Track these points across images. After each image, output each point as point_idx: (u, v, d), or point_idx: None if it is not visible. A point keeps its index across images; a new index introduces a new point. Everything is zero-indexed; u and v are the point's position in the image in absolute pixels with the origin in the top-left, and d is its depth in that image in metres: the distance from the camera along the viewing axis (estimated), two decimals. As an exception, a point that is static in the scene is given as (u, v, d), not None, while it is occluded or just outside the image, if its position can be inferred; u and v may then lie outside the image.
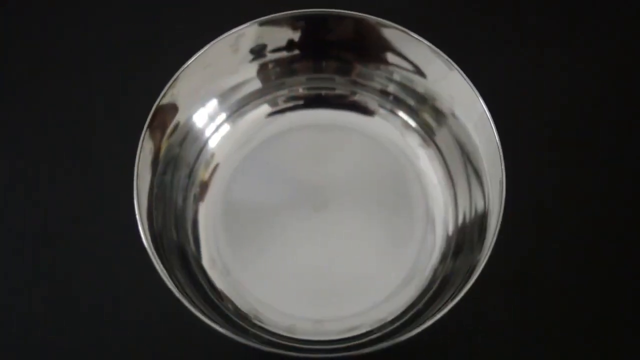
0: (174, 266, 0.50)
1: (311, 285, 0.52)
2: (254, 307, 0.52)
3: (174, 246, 0.52)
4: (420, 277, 0.52)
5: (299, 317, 0.51)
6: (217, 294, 0.52)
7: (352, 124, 0.57)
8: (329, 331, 0.51)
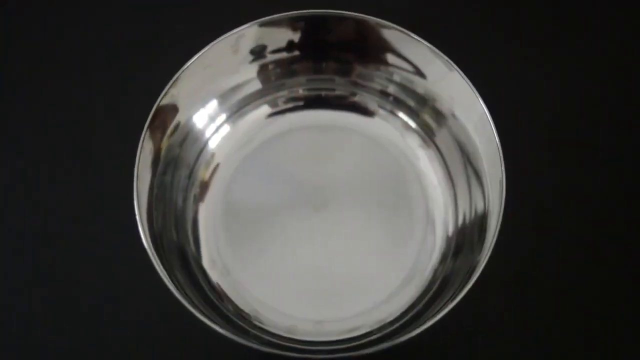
0: (174, 266, 0.50)
1: (311, 285, 0.52)
2: (254, 308, 0.52)
3: (174, 246, 0.52)
4: (420, 278, 0.52)
5: (299, 318, 0.51)
6: (217, 294, 0.52)
7: (352, 125, 0.57)
8: (329, 332, 0.51)
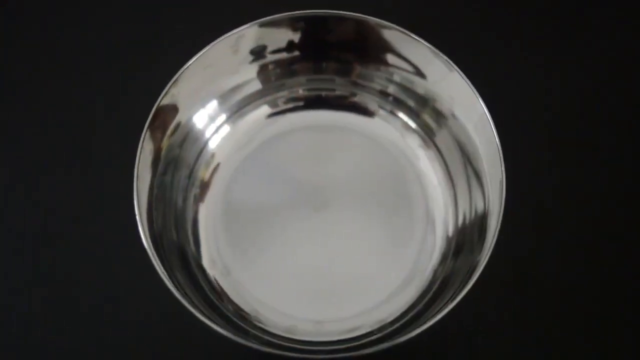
0: (174, 266, 0.50)
1: (311, 285, 0.52)
2: (254, 308, 0.52)
3: (174, 246, 0.52)
4: (420, 278, 0.52)
5: (299, 318, 0.51)
6: (217, 294, 0.52)
7: (352, 125, 0.57)
8: (329, 332, 0.51)
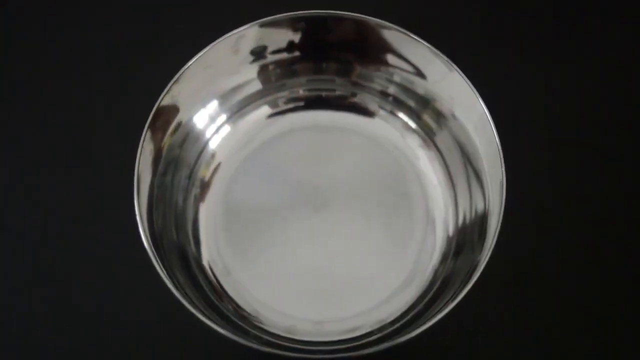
0: (174, 266, 0.50)
1: (311, 285, 0.52)
2: (254, 308, 0.52)
3: (174, 246, 0.52)
4: (420, 278, 0.52)
5: (299, 318, 0.51)
6: (217, 294, 0.52)
7: (353, 125, 0.57)
8: (329, 332, 0.51)
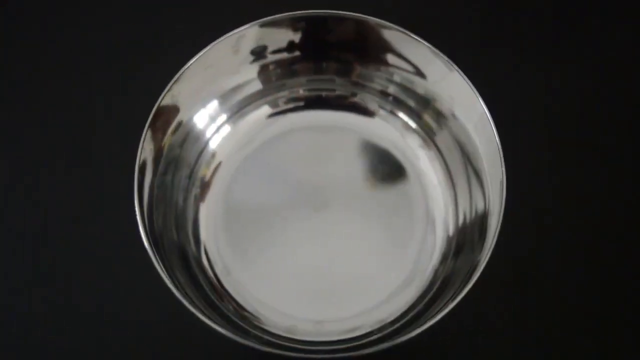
0: (174, 266, 0.50)
1: (311, 285, 0.52)
2: (254, 308, 0.52)
3: (174, 246, 0.52)
4: (420, 278, 0.52)
5: (299, 318, 0.51)
6: (218, 294, 0.52)
7: (353, 125, 0.57)
8: (329, 332, 0.51)
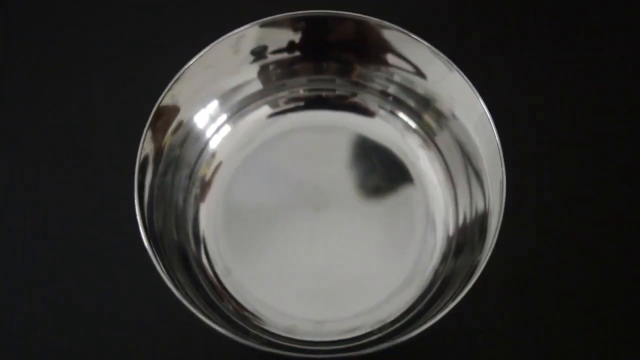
0: (174, 266, 0.50)
1: (311, 285, 0.52)
2: (254, 308, 0.52)
3: (174, 246, 0.52)
4: (421, 278, 0.52)
5: (299, 318, 0.51)
6: (218, 294, 0.52)
7: (353, 125, 0.57)
8: (329, 332, 0.51)
